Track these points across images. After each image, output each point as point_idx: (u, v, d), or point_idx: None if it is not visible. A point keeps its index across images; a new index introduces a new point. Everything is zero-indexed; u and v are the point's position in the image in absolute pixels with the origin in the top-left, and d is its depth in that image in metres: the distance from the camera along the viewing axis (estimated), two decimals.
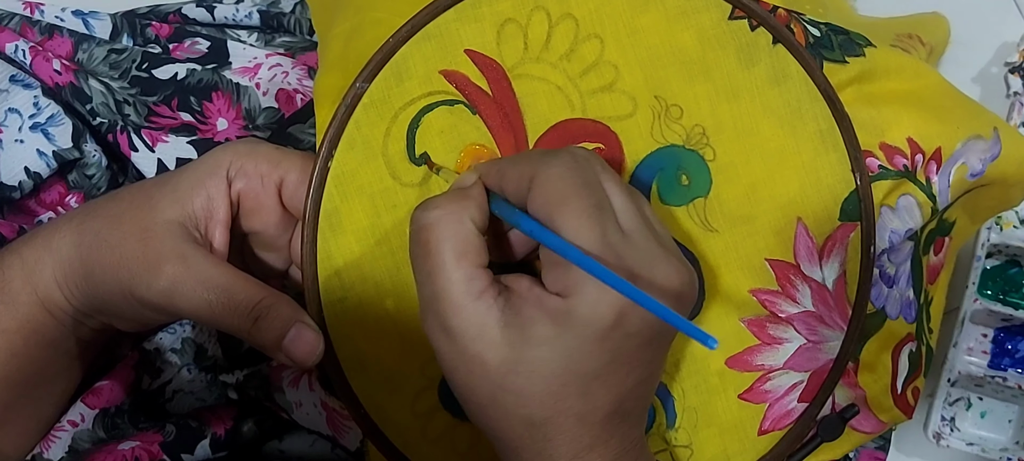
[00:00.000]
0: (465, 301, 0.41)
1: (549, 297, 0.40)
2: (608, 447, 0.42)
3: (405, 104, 0.48)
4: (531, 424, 0.41)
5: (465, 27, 0.48)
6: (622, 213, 0.42)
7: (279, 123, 0.58)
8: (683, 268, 0.42)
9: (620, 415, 0.42)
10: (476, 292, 0.41)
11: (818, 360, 0.51)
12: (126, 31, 0.61)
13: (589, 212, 0.40)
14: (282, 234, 0.51)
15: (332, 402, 0.53)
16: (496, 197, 0.44)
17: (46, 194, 0.58)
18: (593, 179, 0.42)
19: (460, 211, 0.42)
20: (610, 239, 0.40)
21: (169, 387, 0.56)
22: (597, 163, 0.43)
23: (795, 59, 0.49)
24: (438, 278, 0.41)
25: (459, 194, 0.43)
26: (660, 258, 0.41)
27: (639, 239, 0.41)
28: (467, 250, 0.41)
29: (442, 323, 0.41)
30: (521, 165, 0.43)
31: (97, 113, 0.56)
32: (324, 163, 0.48)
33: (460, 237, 0.41)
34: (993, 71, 0.79)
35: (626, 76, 0.49)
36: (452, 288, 0.41)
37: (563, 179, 0.41)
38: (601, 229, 0.40)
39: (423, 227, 0.42)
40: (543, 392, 0.40)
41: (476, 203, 0.43)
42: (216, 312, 0.45)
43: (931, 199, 0.52)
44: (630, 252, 0.40)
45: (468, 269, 0.41)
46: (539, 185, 0.41)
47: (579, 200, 0.40)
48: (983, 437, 0.74)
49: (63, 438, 0.51)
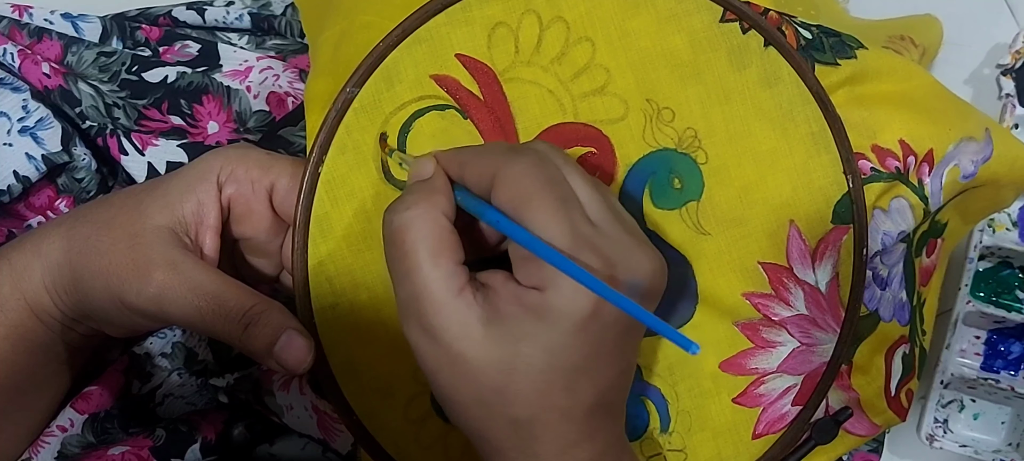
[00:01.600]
0: (446, 298, 0.40)
1: (526, 292, 0.40)
2: (594, 443, 0.42)
3: (396, 109, 0.48)
4: (516, 423, 0.41)
5: (456, 31, 0.48)
6: (589, 205, 0.42)
7: (270, 126, 0.58)
8: (653, 255, 0.42)
9: (603, 408, 0.42)
10: (456, 289, 0.40)
11: (812, 363, 0.51)
12: (116, 34, 0.61)
13: (556, 207, 0.40)
14: (273, 239, 0.50)
15: (323, 405, 0.53)
16: (460, 188, 0.43)
17: (35, 198, 0.57)
18: (557, 174, 0.41)
19: (432, 207, 0.41)
20: (580, 230, 0.40)
21: (159, 391, 0.56)
22: (559, 157, 0.43)
23: (787, 61, 0.49)
24: (416, 277, 0.40)
25: (427, 190, 0.43)
26: (630, 247, 0.41)
27: (608, 229, 0.41)
28: (443, 247, 0.41)
29: (423, 323, 0.41)
30: (484, 159, 0.42)
31: (86, 116, 0.56)
32: (314, 168, 0.48)
33: (435, 235, 0.41)
34: (985, 73, 0.79)
35: (617, 79, 0.49)
36: (432, 286, 0.40)
37: (527, 176, 0.40)
38: (569, 222, 0.40)
39: (397, 229, 0.41)
40: (528, 389, 0.40)
41: (445, 196, 0.42)
42: (206, 319, 0.45)
43: (923, 201, 0.52)
44: (601, 242, 0.40)
45: (446, 266, 0.40)
46: (503, 182, 0.41)
47: (545, 196, 0.40)
48: (976, 439, 0.74)
49: (52, 443, 0.51)
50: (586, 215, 0.41)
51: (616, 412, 0.44)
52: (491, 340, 0.40)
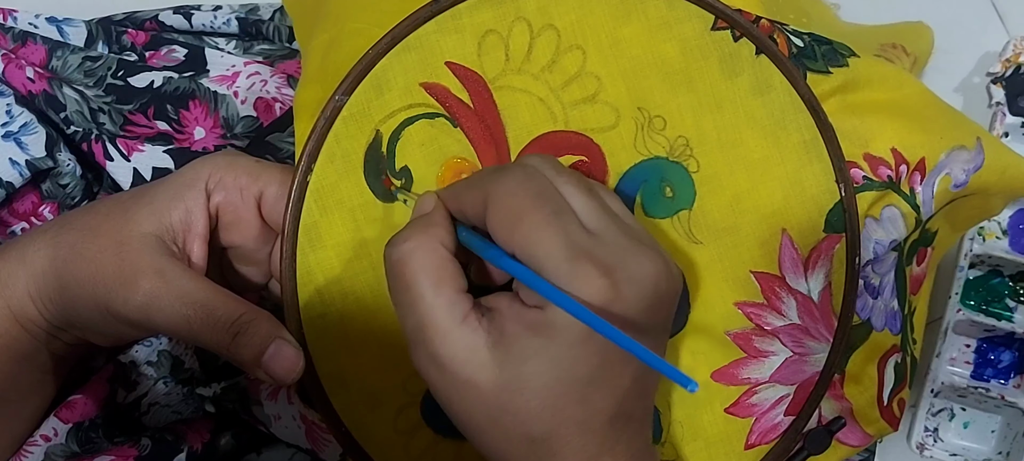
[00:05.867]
0: (450, 326, 0.40)
1: (528, 310, 0.40)
2: (615, 454, 0.41)
3: (385, 117, 0.47)
4: (532, 441, 0.40)
5: (446, 38, 0.47)
6: (585, 212, 0.41)
7: (257, 132, 0.58)
8: (657, 257, 0.41)
9: (623, 417, 0.42)
10: (460, 317, 0.40)
11: (804, 373, 0.50)
12: (101, 38, 0.60)
13: (547, 221, 0.39)
14: (261, 248, 0.50)
15: (311, 415, 0.53)
16: (462, 227, 0.44)
17: (19, 204, 0.57)
18: (547, 187, 0.41)
19: (430, 239, 0.42)
20: (575, 241, 0.39)
21: (145, 400, 0.55)
22: (550, 168, 0.43)
23: (778, 70, 0.49)
24: (419, 308, 0.41)
25: (425, 222, 0.43)
26: (630, 250, 0.40)
27: (606, 235, 0.41)
28: (444, 277, 0.41)
29: (430, 353, 0.40)
30: (474, 188, 0.42)
31: (71, 121, 0.55)
32: (303, 177, 0.47)
33: (435, 265, 0.41)
34: (975, 81, 0.79)
35: (608, 87, 0.48)
36: (436, 315, 0.40)
37: (515, 195, 0.40)
38: (563, 234, 0.39)
39: (396, 262, 0.41)
40: (540, 406, 0.40)
41: (444, 228, 0.43)
42: (194, 328, 0.45)
43: (915, 210, 0.52)
44: (599, 250, 0.40)
45: (448, 295, 0.40)
46: (492, 204, 0.41)
47: (534, 212, 0.40)
48: (966, 447, 0.75)
49: (36, 453, 0.50)
50: (581, 224, 0.41)
51: (639, 421, 0.44)
52: (498, 362, 0.40)
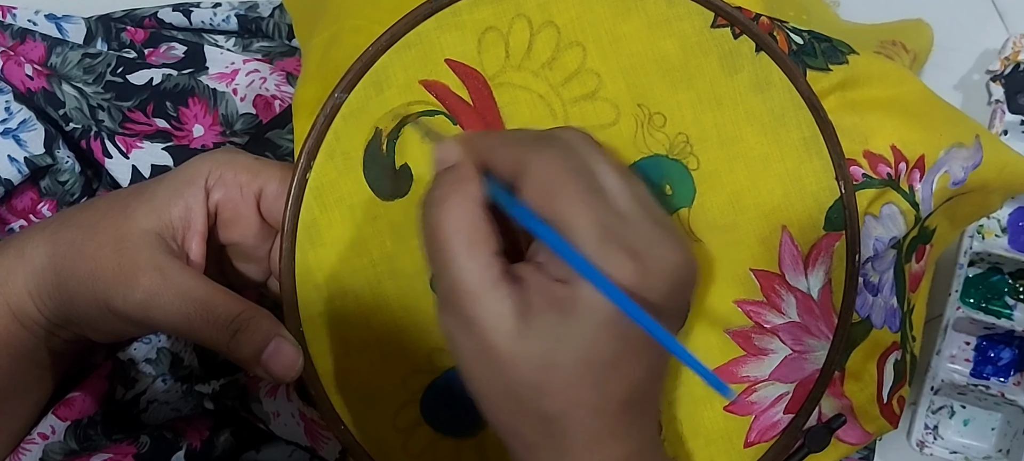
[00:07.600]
0: (481, 290, 0.40)
1: (554, 285, 0.39)
2: (626, 442, 0.41)
3: (385, 114, 0.47)
4: (546, 418, 0.40)
5: (445, 35, 0.47)
6: (617, 195, 0.41)
7: (257, 129, 0.58)
8: (681, 246, 0.41)
9: (634, 407, 0.41)
10: (491, 281, 0.40)
11: (804, 370, 0.50)
12: (100, 35, 0.60)
13: (582, 198, 0.39)
14: (261, 245, 0.50)
15: (310, 412, 0.53)
16: (492, 181, 0.42)
17: (18, 201, 0.57)
18: (583, 163, 0.41)
19: (465, 197, 0.41)
20: (606, 222, 0.39)
21: (143, 397, 0.55)
22: (586, 146, 0.42)
23: (778, 67, 0.49)
24: (453, 269, 0.40)
25: (457, 178, 0.42)
26: (657, 238, 0.40)
27: (635, 220, 0.40)
28: (478, 238, 0.40)
29: (459, 314, 0.40)
30: (511, 147, 0.42)
31: (70, 118, 0.55)
32: (302, 175, 0.47)
33: (470, 225, 0.40)
34: (974, 78, 0.79)
35: (608, 84, 0.48)
36: (467, 278, 0.40)
37: (554, 166, 0.40)
38: (595, 213, 0.39)
39: (431, 221, 0.41)
40: (557, 385, 0.39)
41: (476, 183, 0.42)
42: (194, 325, 0.45)
43: (914, 207, 0.52)
44: (628, 234, 0.39)
45: (482, 257, 0.40)
46: (529, 172, 0.40)
47: (571, 186, 0.39)
48: (966, 445, 0.75)
49: (34, 451, 0.50)
50: (613, 206, 0.40)
51: (648, 413, 0.43)
52: (522, 335, 0.39)
